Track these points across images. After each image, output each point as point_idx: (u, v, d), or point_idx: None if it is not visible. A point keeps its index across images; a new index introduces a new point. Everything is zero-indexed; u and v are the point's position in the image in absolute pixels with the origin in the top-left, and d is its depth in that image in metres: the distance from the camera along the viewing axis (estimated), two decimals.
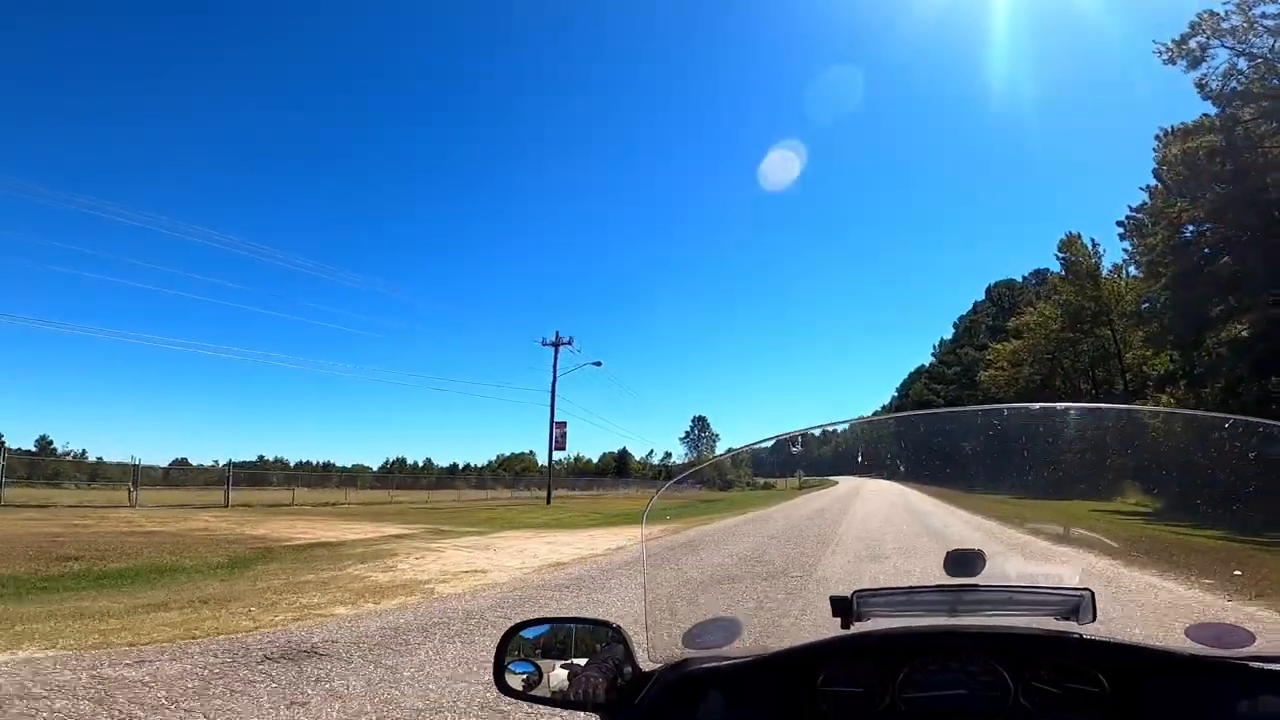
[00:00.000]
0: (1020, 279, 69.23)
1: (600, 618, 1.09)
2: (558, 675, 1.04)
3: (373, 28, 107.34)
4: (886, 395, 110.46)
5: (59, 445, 54.26)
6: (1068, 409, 1.37)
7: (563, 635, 1.10)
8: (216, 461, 33.71)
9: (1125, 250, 34.04)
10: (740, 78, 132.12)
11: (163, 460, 41.64)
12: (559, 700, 1.03)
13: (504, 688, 1.07)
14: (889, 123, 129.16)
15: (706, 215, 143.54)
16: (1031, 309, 47.38)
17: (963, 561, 1.13)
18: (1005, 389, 47.34)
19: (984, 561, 1.13)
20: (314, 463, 61.53)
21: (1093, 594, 1.07)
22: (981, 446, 1.42)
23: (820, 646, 1.04)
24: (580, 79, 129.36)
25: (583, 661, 1.04)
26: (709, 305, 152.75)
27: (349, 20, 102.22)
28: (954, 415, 1.55)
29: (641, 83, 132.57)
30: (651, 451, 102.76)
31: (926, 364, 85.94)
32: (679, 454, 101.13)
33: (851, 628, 1.11)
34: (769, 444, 1.73)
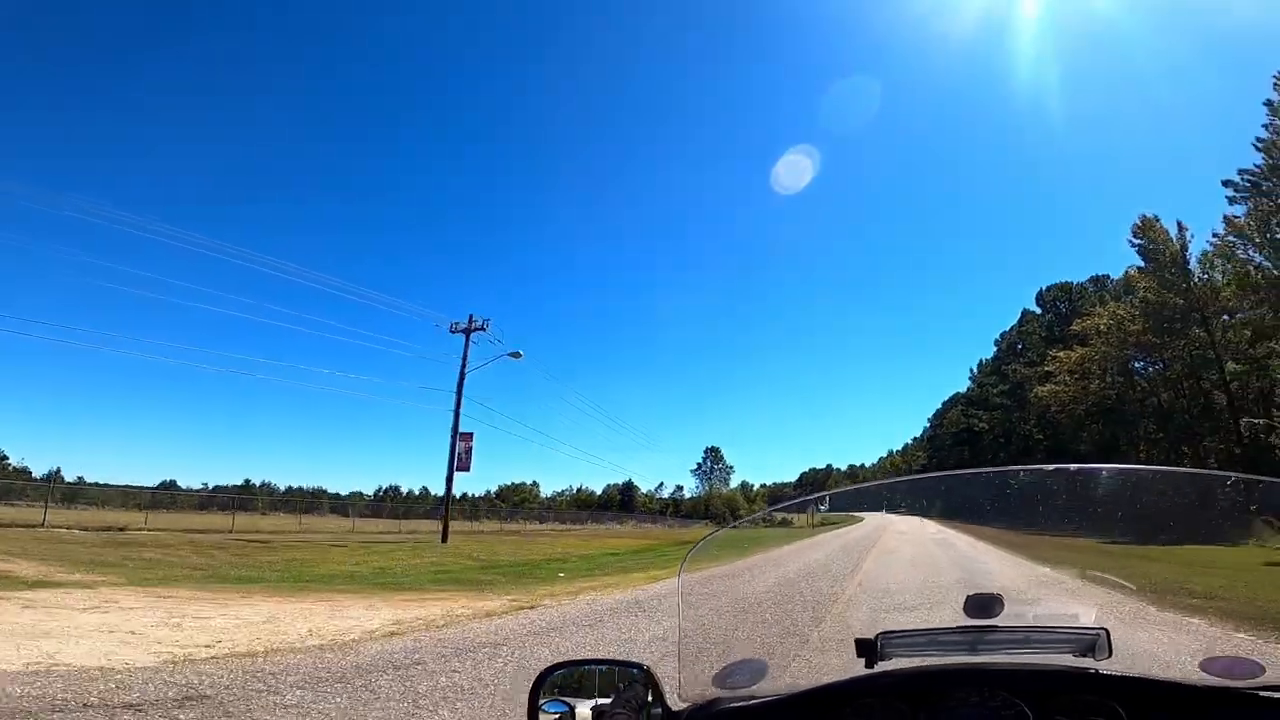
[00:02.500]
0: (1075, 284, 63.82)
1: (632, 660, 1.23)
2: (584, 715, 1.18)
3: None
4: (918, 426, 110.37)
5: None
6: (1079, 469, 1.60)
7: (592, 676, 1.24)
8: None
9: (1236, 216, 30.58)
10: (747, 91, 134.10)
11: None
12: None
13: None
14: (910, 138, 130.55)
15: (717, 242, 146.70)
16: (1101, 310, 42.33)
17: (982, 604, 1.29)
18: (1069, 407, 43.10)
19: (1002, 604, 1.28)
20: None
21: (1108, 632, 1.22)
22: (1002, 499, 1.70)
23: (846, 685, 1.17)
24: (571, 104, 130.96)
25: (627, 705, 1.17)
26: (723, 335, 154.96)
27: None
28: (976, 475, 1.77)
29: (641, 101, 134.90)
30: (661, 484, 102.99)
31: (963, 390, 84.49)
32: (690, 487, 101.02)
33: (876, 668, 1.24)
34: (796, 504, 2.04)
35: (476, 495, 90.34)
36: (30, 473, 52.71)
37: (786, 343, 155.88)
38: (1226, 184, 30.06)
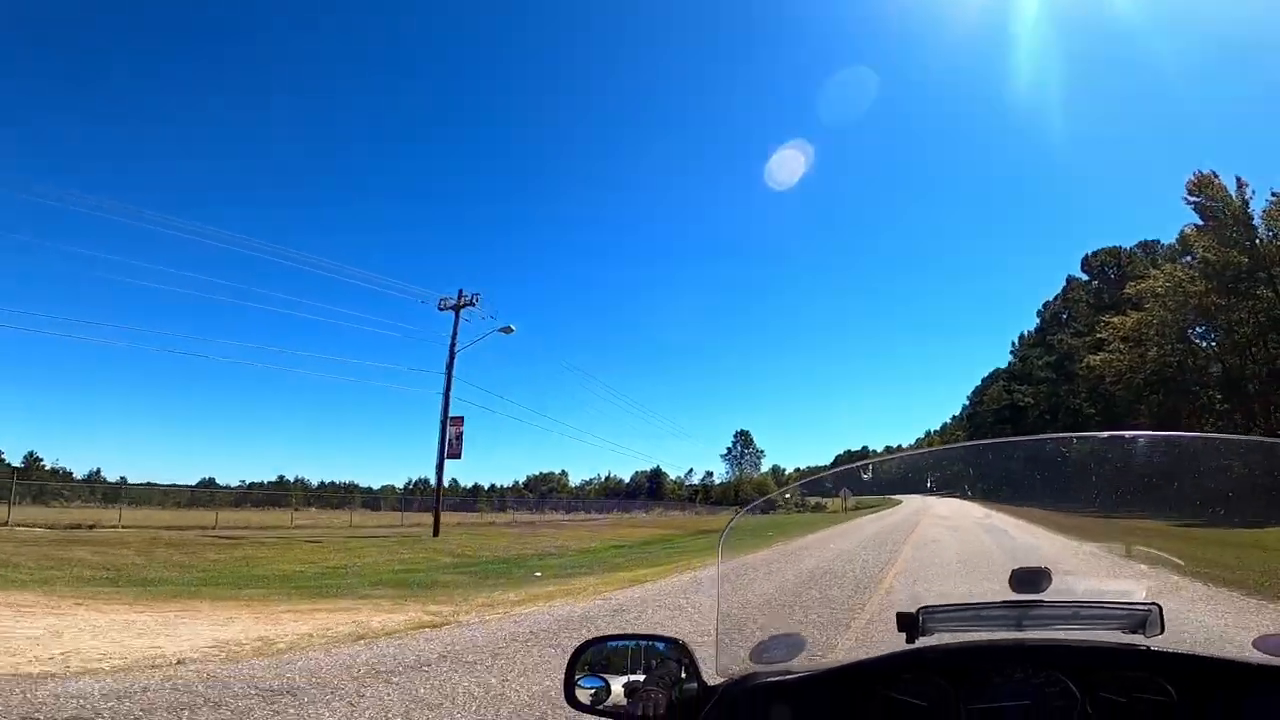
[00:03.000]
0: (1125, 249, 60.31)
1: (669, 634, 1.26)
2: (630, 689, 1.21)
3: None
4: (957, 405, 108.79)
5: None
6: (1135, 437, 1.56)
7: (630, 651, 1.27)
8: None
9: None
10: (760, 78, 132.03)
11: None
12: (622, 713, 1.20)
13: (573, 702, 1.25)
14: (941, 115, 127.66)
15: (743, 227, 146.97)
16: (1157, 272, 39.67)
17: (1028, 579, 1.28)
18: (1126, 377, 40.22)
19: (1049, 579, 1.28)
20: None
21: (1160, 608, 1.20)
22: (1052, 471, 1.63)
23: (885, 660, 1.18)
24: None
25: (663, 679, 1.20)
26: (754, 319, 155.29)
27: None
28: (1023, 443, 1.74)
29: (642, 95, 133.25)
30: (691, 470, 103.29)
31: (1004, 365, 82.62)
32: (720, 472, 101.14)
33: (917, 643, 1.25)
34: (821, 479, 2.02)
35: (504, 485, 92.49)
36: (71, 473, 54.66)
37: (820, 324, 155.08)
38: None
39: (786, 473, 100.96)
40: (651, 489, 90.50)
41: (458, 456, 28.24)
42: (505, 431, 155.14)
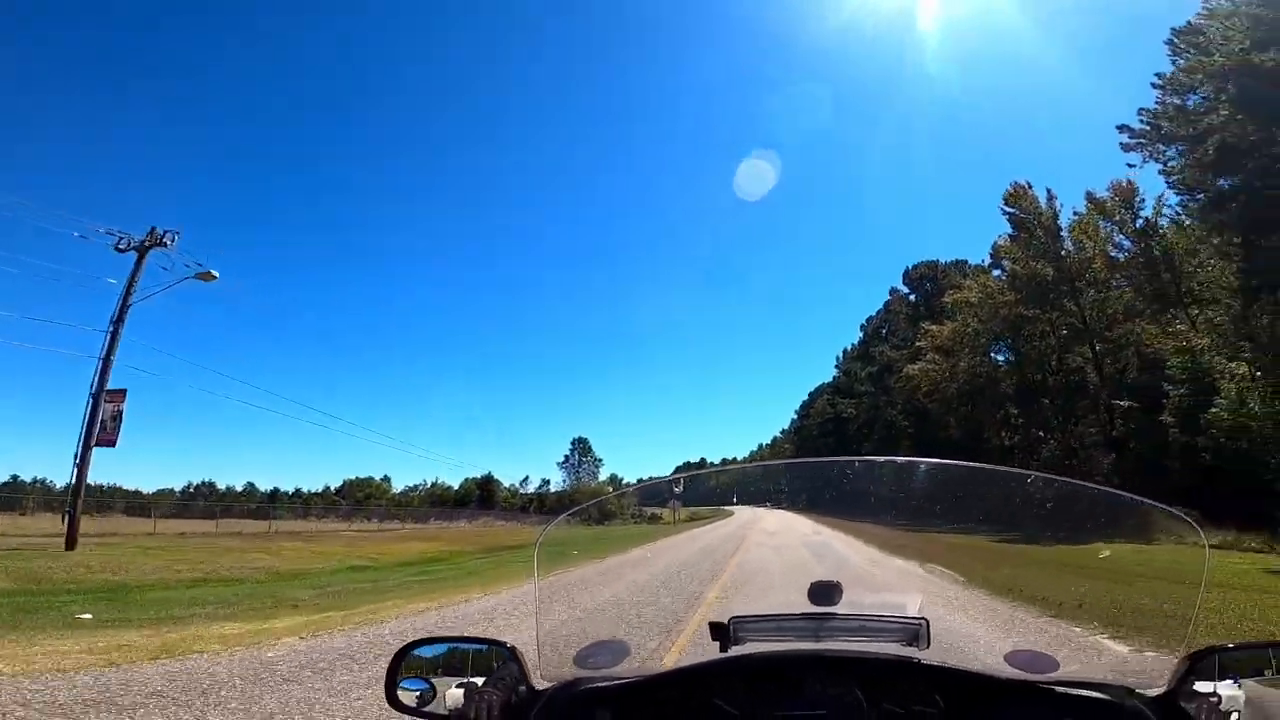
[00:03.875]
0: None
1: (496, 638, 1.33)
2: (454, 693, 1.27)
3: None
4: (787, 418, 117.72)
5: None
6: (918, 463, 1.90)
7: (460, 654, 1.33)
8: None
9: (1098, 194, 33.23)
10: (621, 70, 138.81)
11: None
12: (454, 717, 1.26)
13: (396, 704, 1.29)
14: (774, 127, 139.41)
15: (583, 234, 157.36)
16: (971, 282, 42.86)
17: (824, 592, 1.54)
18: (942, 386, 43.15)
19: (841, 592, 1.54)
20: None
21: (928, 622, 1.49)
22: (862, 488, 1.99)
23: (702, 668, 1.34)
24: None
25: (480, 680, 1.28)
26: (594, 326, 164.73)
27: None
28: (835, 463, 2.09)
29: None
30: (527, 478, 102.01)
31: (831, 380, 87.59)
32: (557, 480, 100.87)
33: (729, 651, 1.44)
34: (660, 483, 2.22)
35: (311, 491, 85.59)
36: None
37: (658, 336, 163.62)
38: (1123, 129, 29.97)
39: (624, 481, 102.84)
40: (483, 497, 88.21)
41: (112, 444, 21.18)
42: (318, 436, 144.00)
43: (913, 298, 65.76)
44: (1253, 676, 1.15)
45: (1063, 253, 36.44)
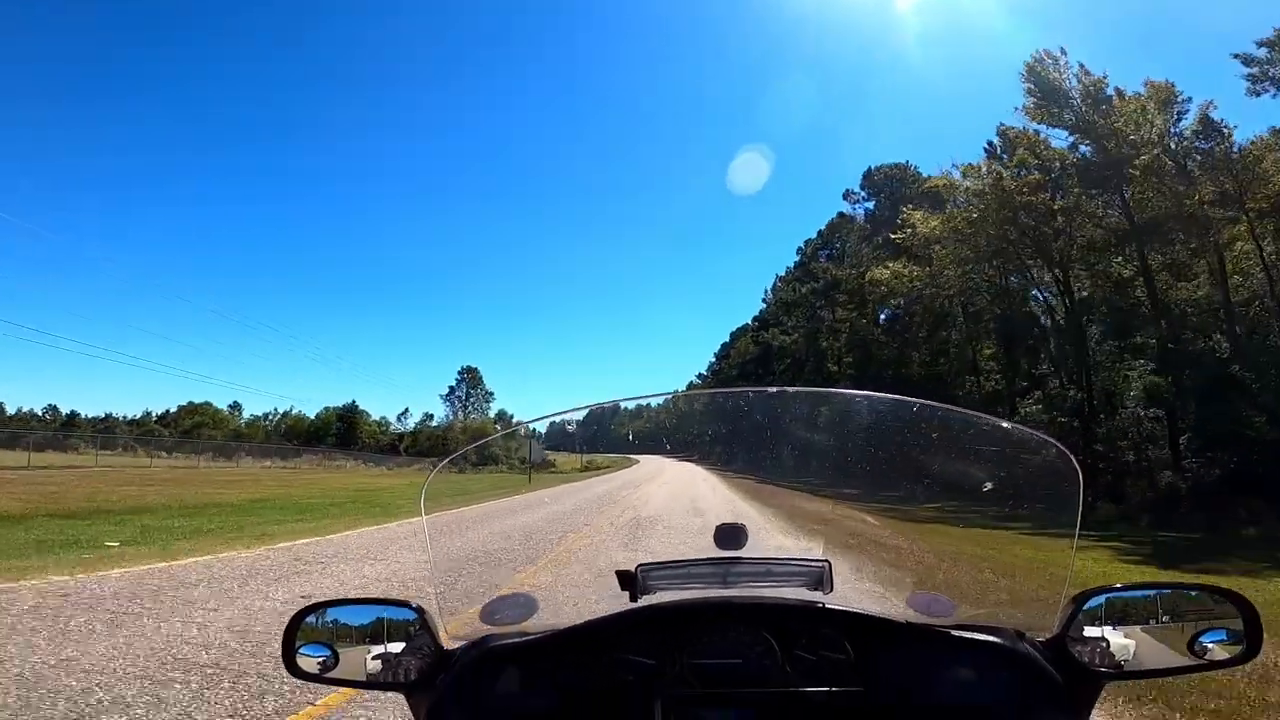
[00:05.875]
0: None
1: (400, 598, 1.41)
2: (358, 657, 1.35)
3: None
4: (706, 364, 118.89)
5: None
6: (854, 395, 2.00)
7: (364, 616, 1.40)
8: None
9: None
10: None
11: None
12: (363, 682, 1.35)
13: (295, 670, 1.36)
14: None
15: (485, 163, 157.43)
16: (986, 164, 35.57)
17: (729, 535, 1.71)
18: (921, 299, 39.44)
19: (746, 535, 1.72)
20: None
21: (830, 564, 1.68)
22: (773, 429, 2.13)
23: (612, 620, 1.47)
24: None
25: (397, 646, 1.36)
26: (503, 256, 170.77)
27: None
28: (746, 393, 2.20)
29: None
30: (406, 411, 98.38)
31: (751, 320, 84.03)
32: (440, 414, 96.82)
33: (639, 600, 1.58)
34: (556, 419, 2.31)
35: (127, 417, 79.79)
36: None
37: (578, 276, 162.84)
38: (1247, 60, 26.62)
39: (514, 419, 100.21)
40: (343, 432, 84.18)
41: None
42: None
43: (869, 208, 58.30)
44: (1143, 623, 1.32)
45: (1114, 139, 29.49)
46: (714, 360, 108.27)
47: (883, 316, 52.46)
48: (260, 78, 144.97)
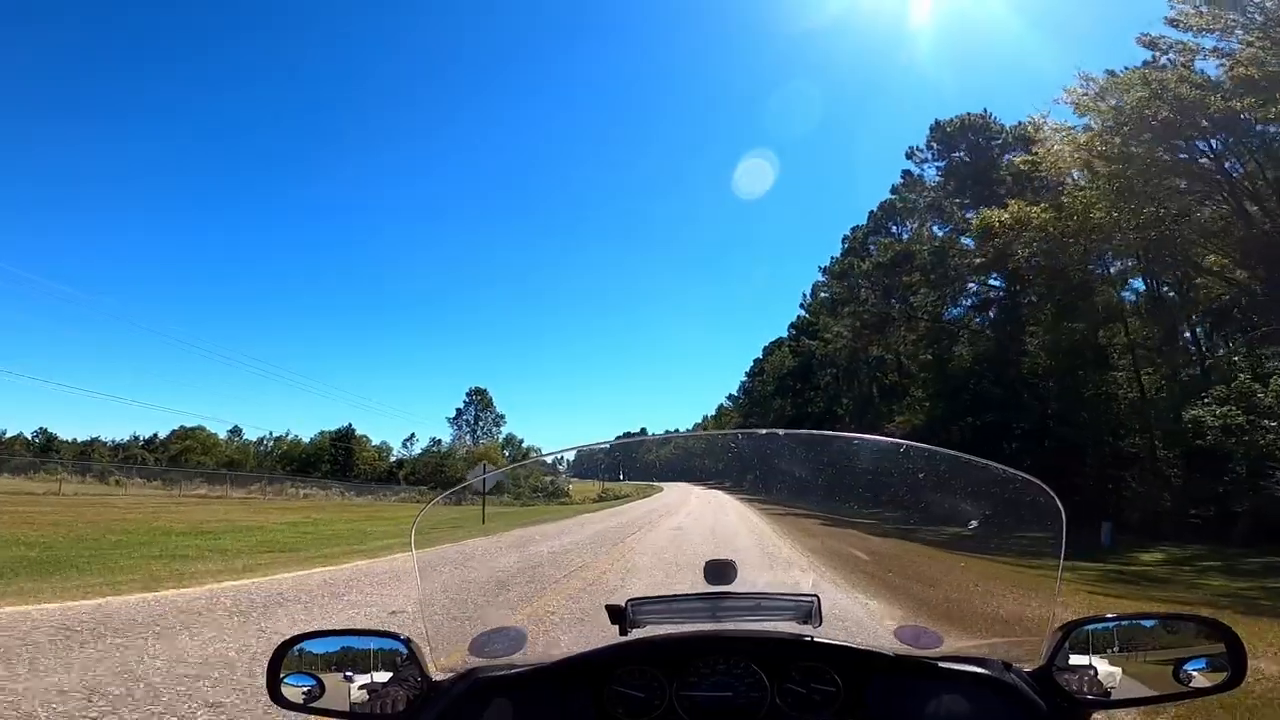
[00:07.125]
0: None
1: (388, 630, 1.52)
2: (344, 688, 1.45)
3: None
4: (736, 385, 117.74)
5: None
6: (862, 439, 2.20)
7: (351, 648, 1.50)
8: None
9: None
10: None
11: None
12: (348, 713, 1.44)
13: (280, 700, 1.45)
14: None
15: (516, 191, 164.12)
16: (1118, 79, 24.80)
17: (718, 571, 1.84)
18: (1063, 245, 26.75)
19: (736, 570, 1.85)
20: None
21: (819, 599, 1.78)
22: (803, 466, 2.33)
23: (601, 653, 1.56)
24: None
25: (384, 676, 1.45)
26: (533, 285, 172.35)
27: None
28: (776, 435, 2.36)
29: None
30: (413, 436, 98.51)
31: (788, 328, 77.82)
32: (448, 438, 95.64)
33: (629, 634, 1.69)
34: (570, 453, 2.46)
35: (113, 441, 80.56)
36: None
37: (596, 296, 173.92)
38: None
39: (523, 444, 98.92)
40: (338, 461, 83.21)
41: None
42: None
43: (937, 170, 46.47)
44: (1129, 652, 1.41)
45: None
46: (745, 378, 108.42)
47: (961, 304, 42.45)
48: (261, 100, 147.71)
